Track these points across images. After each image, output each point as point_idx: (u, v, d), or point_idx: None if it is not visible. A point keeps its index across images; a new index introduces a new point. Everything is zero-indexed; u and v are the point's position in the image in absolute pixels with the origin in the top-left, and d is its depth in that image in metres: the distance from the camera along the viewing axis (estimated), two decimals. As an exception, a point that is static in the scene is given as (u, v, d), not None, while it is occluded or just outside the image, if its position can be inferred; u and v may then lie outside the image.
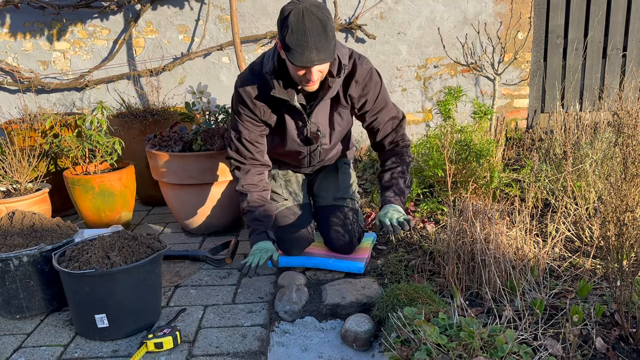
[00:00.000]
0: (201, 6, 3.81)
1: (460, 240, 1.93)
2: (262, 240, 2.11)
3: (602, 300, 1.79)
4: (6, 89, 3.86)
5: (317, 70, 1.92)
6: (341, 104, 2.17)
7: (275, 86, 2.02)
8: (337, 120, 2.21)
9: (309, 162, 2.35)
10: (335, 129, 2.23)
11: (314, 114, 2.14)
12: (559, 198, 2.36)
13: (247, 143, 2.17)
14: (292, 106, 2.10)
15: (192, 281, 2.25)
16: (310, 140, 2.20)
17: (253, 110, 2.12)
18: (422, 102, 4.06)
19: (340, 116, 2.21)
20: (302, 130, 2.18)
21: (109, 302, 1.77)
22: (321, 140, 2.21)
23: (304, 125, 2.16)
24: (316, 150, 2.27)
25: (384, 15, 3.87)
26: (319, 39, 1.83)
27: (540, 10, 3.96)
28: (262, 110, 2.12)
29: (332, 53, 1.89)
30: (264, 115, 2.14)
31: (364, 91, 2.14)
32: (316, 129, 2.18)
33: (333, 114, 2.19)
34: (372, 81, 2.15)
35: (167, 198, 2.75)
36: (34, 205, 2.56)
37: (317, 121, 2.17)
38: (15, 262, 1.90)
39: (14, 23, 3.78)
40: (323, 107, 2.15)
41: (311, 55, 1.84)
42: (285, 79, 2.04)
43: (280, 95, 2.04)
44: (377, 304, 1.87)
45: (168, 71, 3.86)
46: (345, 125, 2.28)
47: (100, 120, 2.74)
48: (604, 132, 2.71)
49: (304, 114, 2.13)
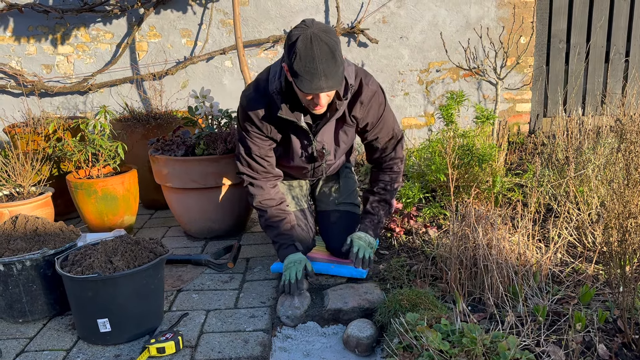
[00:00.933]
0: (204, 10, 3.82)
1: (463, 246, 1.93)
2: (291, 253, 2.12)
3: (604, 306, 1.78)
4: (9, 92, 3.88)
5: (326, 95, 1.91)
6: (347, 123, 2.16)
7: (283, 108, 2.01)
8: (343, 138, 2.22)
9: (312, 175, 2.37)
10: (341, 146, 2.25)
11: (319, 133, 2.14)
12: (562, 203, 2.36)
13: (258, 158, 2.18)
14: (299, 126, 2.10)
15: (195, 286, 2.25)
16: (315, 158, 2.22)
17: (260, 128, 2.12)
18: (424, 106, 4.06)
19: (346, 134, 2.21)
20: (307, 148, 2.19)
21: (111, 306, 1.78)
22: (326, 157, 2.23)
23: (309, 144, 2.17)
24: (320, 167, 2.29)
25: (386, 19, 3.88)
26: (327, 66, 1.80)
27: (543, 15, 3.97)
28: (269, 129, 2.12)
29: (340, 79, 1.87)
30: (270, 133, 2.14)
31: (368, 112, 2.13)
32: (321, 147, 2.19)
33: (338, 132, 2.19)
34: (377, 102, 2.14)
35: (169, 202, 2.75)
36: (36, 209, 2.57)
37: (323, 140, 2.17)
38: (18, 266, 1.90)
39: (18, 27, 3.80)
40: (329, 126, 2.15)
41: (320, 83, 1.81)
42: (292, 100, 2.02)
43: (287, 116, 2.03)
44: (379, 309, 1.87)
45: (171, 75, 3.88)
46: (350, 141, 2.30)
47: (103, 124, 2.75)
48: (607, 137, 2.71)
49: (310, 134, 2.13)
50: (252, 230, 2.87)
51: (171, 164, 2.59)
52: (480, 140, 2.76)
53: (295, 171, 2.34)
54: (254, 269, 2.38)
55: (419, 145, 2.97)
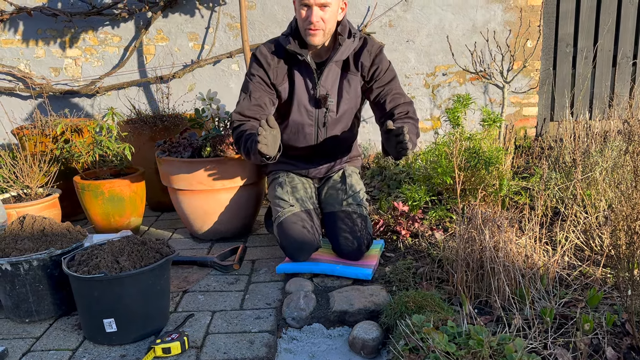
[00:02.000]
0: (211, 14, 3.84)
1: (469, 248, 1.92)
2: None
3: (612, 309, 1.77)
4: (18, 95, 3.91)
5: (318, 12, 2.12)
6: (351, 71, 2.31)
7: (291, 41, 2.23)
8: (346, 88, 2.33)
9: (316, 138, 2.39)
10: (344, 96, 2.33)
11: (323, 77, 2.28)
12: (569, 206, 2.35)
13: (254, 103, 2.29)
14: (303, 65, 2.27)
15: (200, 287, 2.25)
16: (319, 102, 2.30)
17: (267, 70, 2.28)
18: (431, 109, 4.06)
19: (349, 84, 2.32)
20: (311, 92, 2.30)
21: (117, 306, 1.78)
22: (329, 104, 2.31)
23: (314, 86, 2.29)
24: (325, 118, 2.33)
25: (392, 23, 3.89)
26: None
27: (550, 18, 3.96)
28: (275, 72, 2.28)
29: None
30: (277, 79, 2.28)
31: (375, 61, 2.30)
32: (325, 92, 2.30)
33: (342, 81, 2.32)
34: (383, 56, 2.33)
35: (175, 204, 2.76)
36: (44, 210, 2.58)
37: (327, 85, 2.30)
38: (25, 266, 1.91)
39: (27, 30, 3.83)
40: (333, 72, 2.30)
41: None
42: (299, 40, 2.24)
43: (294, 49, 2.23)
44: (385, 311, 1.87)
45: (178, 78, 3.89)
46: (353, 95, 2.35)
47: (111, 126, 2.76)
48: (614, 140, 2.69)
49: (314, 74, 2.28)
50: (258, 233, 2.87)
51: (177, 165, 2.60)
52: (487, 143, 2.76)
53: (300, 130, 2.38)
54: (260, 270, 2.38)
55: (425, 148, 2.97)
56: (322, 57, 2.32)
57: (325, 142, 2.41)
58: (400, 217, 2.61)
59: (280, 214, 2.33)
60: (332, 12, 2.17)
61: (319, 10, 2.13)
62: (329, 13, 2.16)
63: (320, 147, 2.43)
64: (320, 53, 2.31)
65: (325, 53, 2.31)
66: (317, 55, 2.31)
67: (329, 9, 2.15)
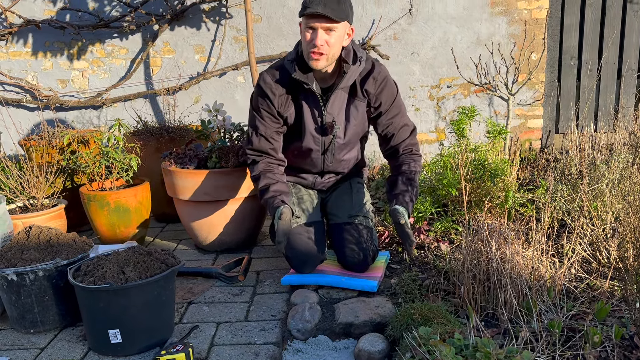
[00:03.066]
0: (217, 27, 3.88)
1: (476, 260, 1.91)
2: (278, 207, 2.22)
3: (620, 322, 1.75)
4: (25, 106, 3.94)
5: (323, 35, 2.08)
6: (357, 97, 2.28)
7: (296, 69, 2.19)
8: (353, 114, 2.30)
9: (322, 163, 2.38)
10: (351, 122, 2.31)
11: (329, 103, 2.25)
12: (575, 218, 2.33)
13: (263, 138, 2.29)
14: (309, 93, 2.23)
15: (205, 298, 2.24)
16: (326, 130, 2.28)
17: (272, 101, 2.25)
18: (436, 121, 4.07)
19: (356, 109, 2.29)
20: (318, 120, 2.27)
21: (122, 317, 1.78)
22: (336, 131, 2.28)
23: (320, 114, 2.26)
24: (331, 145, 2.33)
25: (397, 36, 3.91)
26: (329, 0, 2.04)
27: (554, 31, 3.98)
28: (281, 101, 2.24)
29: (338, 13, 2.05)
30: (282, 107, 2.25)
31: (380, 89, 2.25)
32: (332, 119, 2.27)
33: (349, 107, 2.29)
34: (389, 84, 2.28)
35: (181, 215, 2.76)
36: (50, 221, 2.59)
37: (333, 112, 2.27)
38: (31, 276, 1.91)
39: (35, 42, 3.87)
40: (339, 98, 2.26)
41: (318, 7, 2.02)
42: (304, 68, 2.20)
43: (299, 77, 2.19)
44: (391, 323, 1.85)
45: (184, 90, 3.92)
46: (360, 120, 2.33)
47: (117, 137, 2.78)
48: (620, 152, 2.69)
49: (320, 102, 2.24)
50: (263, 244, 2.87)
51: (183, 176, 2.61)
52: (492, 155, 2.76)
53: (307, 157, 2.39)
54: (265, 282, 2.38)
55: (430, 160, 2.97)
56: (327, 82, 2.27)
57: (331, 165, 2.42)
58: (406, 228, 2.61)
59: (285, 225, 2.32)
60: (337, 36, 2.11)
61: (324, 33, 2.08)
62: (335, 37, 2.10)
63: (327, 168, 2.44)
64: (326, 78, 2.26)
65: (330, 78, 2.26)
66: (322, 80, 2.26)
67: (334, 34, 2.09)
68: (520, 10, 3.87)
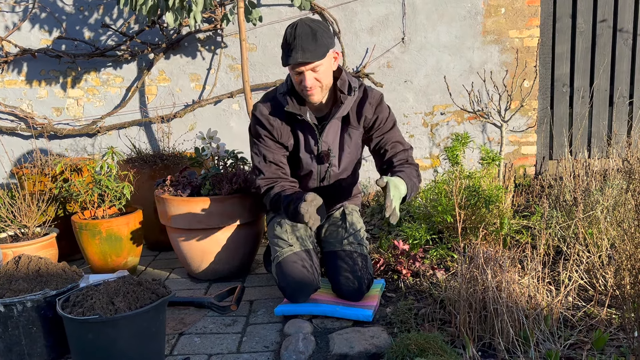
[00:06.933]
0: (213, 56, 3.91)
1: (472, 288, 1.89)
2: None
3: (619, 351, 1.73)
4: (19, 135, 3.94)
5: (311, 75, 2.10)
6: (351, 125, 2.29)
7: (289, 102, 2.21)
8: (347, 142, 2.32)
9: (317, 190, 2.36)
10: (345, 150, 2.32)
11: (325, 133, 2.27)
12: (571, 245, 2.32)
13: (272, 163, 2.30)
14: (305, 123, 2.25)
15: (197, 329, 2.20)
16: (322, 158, 2.30)
17: (271, 131, 2.27)
18: (430, 148, 4.08)
19: (350, 137, 2.31)
20: (314, 149, 2.29)
21: (112, 349, 1.73)
22: (331, 159, 2.31)
23: (316, 143, 2.28)
24: (327, 173, 2.34)
25: (390, 64, 3.95)
26: (306, 42, 2.04)
27: (546, 59, 4.03)
28: (279, 131, 2.26)
29: (318, 55, 2.07)
30: (282, 137, 2.27)
31: (376, 111, 2.28)
32: (327, 147, 2.29)
33: (343, 136, 2.31)
34: (383, 105, 2.32)
35: (173, 242, 2.73)
36: (40, 250, 2.56)
37: (328, 141, 2.29)
38: (19, 307, 1.87)
39: (31, 71, 3.89)
40: (334, 127, 2.28)
41: (297, 56, 2.04)
42: (298, 99, 2.23)
43: (293, 110, 2.21)
44: (386, 354, 1.82)
45: (179, 118, 3.93)
46: (354, 149, 2.35)
47: (110, 165, 2.76)
48: (614, 178, 2.69)
49: (315, 131, 2.27)
50: (256, 272, 2.83)
51: (176, 204, 2.59)
52: (487, 181, 2.75)
53: (304, 184, 2.40)
54: (258, 311, 2.34)
55: (425, 187, 2.96)
56: (322, 111, 2.29)
57: (326, 192, 2.40)
58: (401, 256, 2.59)
59: (279, 253, 2.30)
60: (325, 69, 2.13)
61: (311, 73, 2.10)
62: (322, 71, 2.13)
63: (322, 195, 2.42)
64: (321, 107, 2.28)
65: (325, 107, 2.29)
66: (317, 110, 2.29)
67: (321, 68, 2.11)
68: (511, 38, 3.92)
